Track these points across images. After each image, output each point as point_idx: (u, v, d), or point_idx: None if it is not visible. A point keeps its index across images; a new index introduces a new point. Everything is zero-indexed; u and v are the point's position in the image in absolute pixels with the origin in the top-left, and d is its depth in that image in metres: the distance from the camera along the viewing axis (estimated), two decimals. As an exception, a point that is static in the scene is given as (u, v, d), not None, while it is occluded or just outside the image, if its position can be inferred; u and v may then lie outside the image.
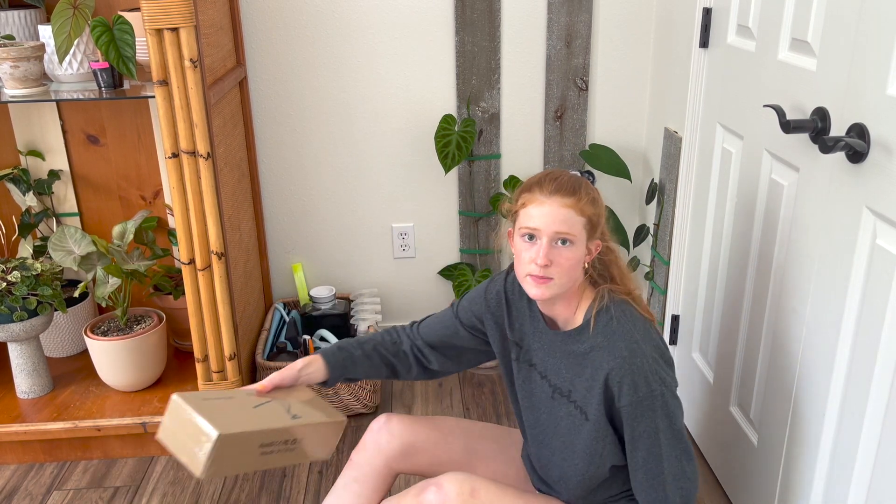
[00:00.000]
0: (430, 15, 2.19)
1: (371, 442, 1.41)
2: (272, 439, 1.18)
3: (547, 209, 1.17)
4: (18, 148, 2.19)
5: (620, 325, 1.20)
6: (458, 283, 2.30)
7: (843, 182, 1.24)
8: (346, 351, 1.39)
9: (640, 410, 1.16)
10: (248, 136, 2.22)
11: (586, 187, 1.20)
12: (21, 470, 1.97)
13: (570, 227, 1.17)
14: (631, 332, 1.19)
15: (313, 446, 1.27)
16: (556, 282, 1.18)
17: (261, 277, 2.35)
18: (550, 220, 1.16)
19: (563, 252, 1.17)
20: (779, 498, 1.51)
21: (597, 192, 1.23)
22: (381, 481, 1.40)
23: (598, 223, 1.21)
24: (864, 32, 1.16)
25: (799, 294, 1.40)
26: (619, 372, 1.16)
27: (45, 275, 1.94)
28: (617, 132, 2.33)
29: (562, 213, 1.16)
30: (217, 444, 1.08)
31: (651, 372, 1.16)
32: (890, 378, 1.14)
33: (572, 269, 1.19)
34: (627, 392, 1.16)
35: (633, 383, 1.15)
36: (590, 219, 1.19)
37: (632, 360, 1.16)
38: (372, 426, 1.43)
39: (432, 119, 2.28)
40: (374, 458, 1.40)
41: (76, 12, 1.70)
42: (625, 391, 1.16)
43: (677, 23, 2.00)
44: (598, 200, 1.22)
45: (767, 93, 1.49)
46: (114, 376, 2.01)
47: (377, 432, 1.41)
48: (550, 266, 1.17)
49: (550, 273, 1.17)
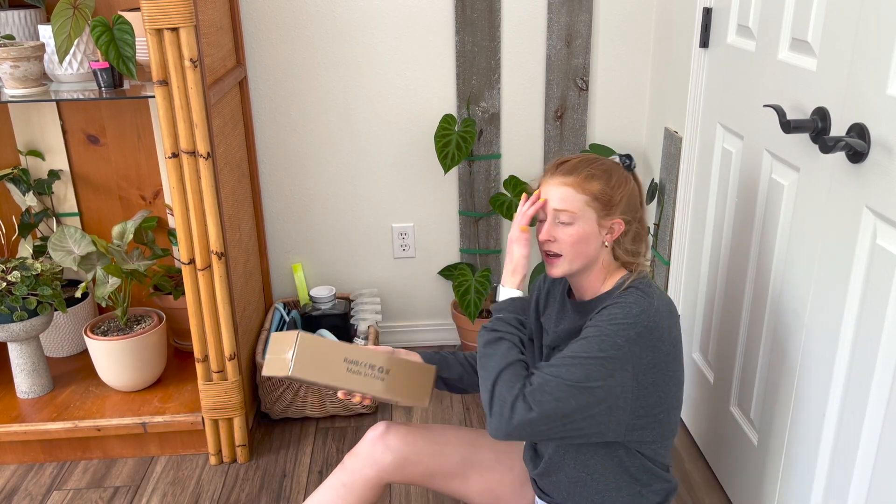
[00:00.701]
0: (430, 15, 2.19)
1: (365, 453, 1.39)
2: (357, 357, 1.30)
3: (547, 188, 1.25)
4: (18, 148, 2.19)
5: (648, 286, 1.23)
6: (458, 283, 2.29)
7: (843, 182, 1.24)
8: (441, 354, 1.47)
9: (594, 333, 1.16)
10: (248, 136, 2.22)
11: (590, 166, 1.23)
12: (21, 470, 1.97)
13: (567, 204, 1.21)
14: (652, 296, 1.21)
15: (405, 386, 1.34)
16: (564, 258, 1.23)
17: (261, 277, 2.35)
18: (549, 198, 1.23)
19: (564, 229, 1.22)
20: (779, 498, 1.51)
21: (610, 172, 1.24)
22: (369, 491, 1.39)
23: (608, 201, 1.22)
24: (865, 32, 1.16)
25: (799, 294, 1.40)
26: (615, 307, 1.18)
27: (45, 275, 1.94)
28: (617, 132, 2.33)
29: (559, 191, 1.23)
30: (299, 341, 1.24)
31: (637, 331, 1.15)
32: (890, 378, 1.14)
33: (578, 246, 1.22)
34: (604, 318, 1.17)
35: (612, 316, 1.16)
36: (595, 196, 1.21)
37: (633, 305, 1.17)
38: (368, 435, 1.41)
39: (432, 119, 2.28)
40: (366, 469, 1.38)
41: (76, 12, 1.70)
42: (603, 316, 1.17)
43: (677, 23, 2.00)
44: (602, 178, 1.22)
45: (767, 93, 1.49)
46: (114, 376, 2.01)
47: (372, 443, 1.39)
48: (554, 242, 1.23)
49: (556, 249, 1.23)
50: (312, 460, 2.00)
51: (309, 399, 2.11)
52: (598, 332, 1.16)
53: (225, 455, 1.98)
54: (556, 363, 1.16)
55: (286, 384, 2.08)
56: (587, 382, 1.13)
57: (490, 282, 2.28)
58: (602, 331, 1.16)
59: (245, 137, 2.20)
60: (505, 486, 1.43)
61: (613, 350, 1.14)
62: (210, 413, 1.92)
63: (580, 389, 1.13)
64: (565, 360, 1.15)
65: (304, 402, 2.11)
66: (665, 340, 1.19)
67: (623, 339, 1.15)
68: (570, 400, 1.13)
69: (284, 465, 1.98)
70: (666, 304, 1.22)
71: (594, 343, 1.15)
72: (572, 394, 1.13)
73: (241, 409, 1.93)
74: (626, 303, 1.18)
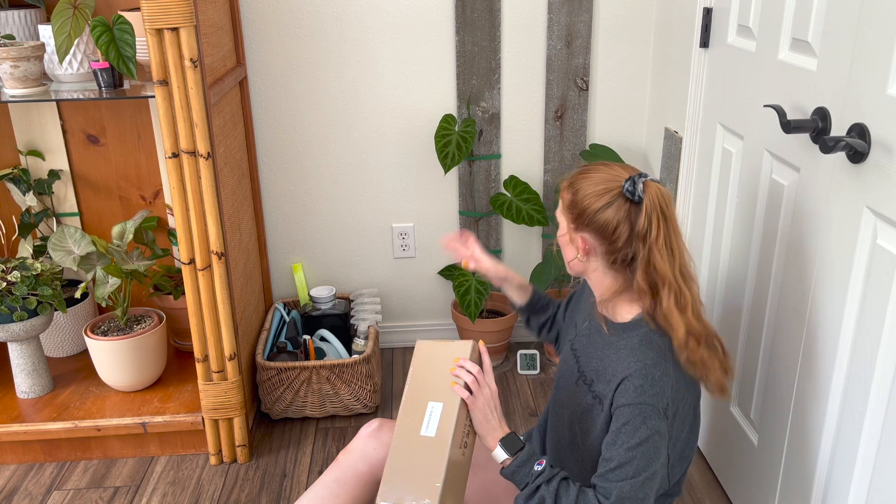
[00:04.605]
0: (430, 15, 2.19)
1: (358, 449, 1.42)
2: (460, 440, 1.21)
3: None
4: (18, 148, 2.19)
5: (661, 339, 1.20)
6: (458, 283, 2.29)
7: (843, 182, 1.24)
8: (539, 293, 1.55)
9: (633, 414, 1.15)
10: (248, 136, 2.22)
11: (581, 174, 1.23)
12: (21, 470, 1.97)
13: (559, 209, 1.27)
14: (665, 350, 1.19)
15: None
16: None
17: (261, 277, 2.35)
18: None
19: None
20: (779, 498, 1.51)
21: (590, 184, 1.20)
22: (362, 487, 1.40)
23: (579, 214, 1.20)
24: (865, 32, 1.16)
25: (799, 294, 1.40)
26: (636, 375, 1.16)
27: (45, 275, 1.94)
28: (617, 132, 2.33)
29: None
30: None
31: (660, 391, 1.16)
32: (890, 378, 1.14)
33: (563, 248, 1.28)
34: (633, 393, 1.16)
35: (640, 388, 1.16)
36: (566, 205, 1.23)
37: (654, 368, 1.16)
38: (362, 431, 1.44)
39: (432, 119, 2.28)
40: (359, 464, 1.40)
41: (76, 12, 1.70)
42: (630, 392, 1.16)
43: (677, 23, 2.00)
44: (576, 187, 1.21)
45: (768, 93, 1.49)
46: (114, 376, 2.01)
47: (365, 440, 1.42)
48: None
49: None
50: (312, 460, 2.00)
51: (309, 399, 2.11)
52: (632, 413, 1.15)
53: (225, 455, 1.98)
54: (613, 467, 1.15)
55: (286, 384, 2.08)
56: (649, 469, 1.15)
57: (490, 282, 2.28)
58: (635, 411, 1.15)
59: (245, 137, 2.20)
60: (500, 485, 1.43)
61: (654, 431, 1.15)
62: (210, 413, 1.92)
63: (647, 479, 1.15)
64: (622, 461, 1.14)
65: (304, 402, 2.11)
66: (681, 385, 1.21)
67: (656, 419, 1.15)
68: (646, 490, 1.15)
69: (284, 465, 1.98)
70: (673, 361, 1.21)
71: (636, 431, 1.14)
72: (645, 485, 1.15)
73: (241, 409, 1.93)
74: (647, 368, 1.16)
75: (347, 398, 2.11)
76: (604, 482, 1.15)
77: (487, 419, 1.19)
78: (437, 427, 1.18)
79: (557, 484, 1.16)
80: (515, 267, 2.40)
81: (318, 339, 2.23)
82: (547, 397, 2.26)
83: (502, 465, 1.20)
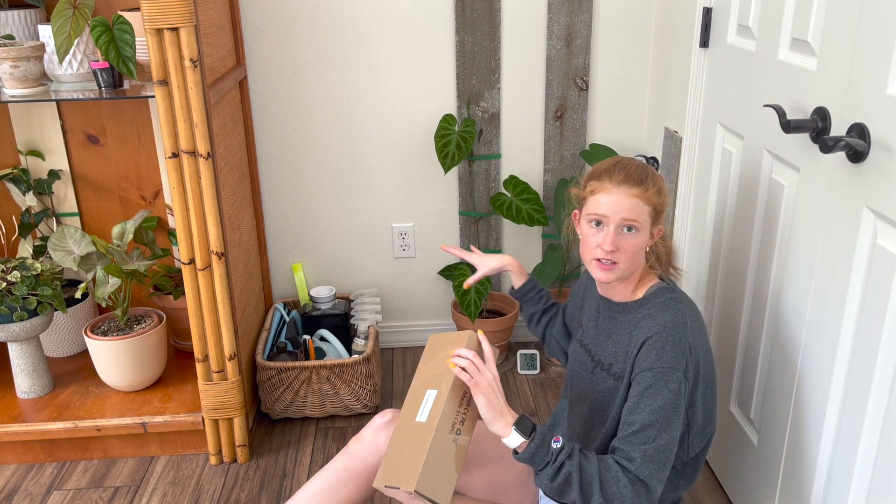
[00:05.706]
0: (430, 15, 2.19)
1: (369, 439, 1.43)
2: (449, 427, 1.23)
3: (615, 198, 1.23)
4: (18, 148, 2.19)
5: (677, 303, 1.26)
6: (458, 283, 2.30)
7: (843, 182, 1.24)
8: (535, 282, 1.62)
9: (654, 378, 1.19)
10: (248, 136, 2.22)
11: (653, 177, 1.26)
12: (21, 470, 1.97)
13: (636, 215, 1.24)
14: (684, 311, 1.25)
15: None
16: (620, 266, 1.26)
17: (261, 277, 2.35)
18: (618, 208, 1.23)
19: (628, 238, 1.24)
20: (779, 498, 1.51)
21: (662, 180, 1.29)
22: (371, 477, 1.42)
23: (662, 210, 1.28)
24: (865, 32, 1.16)
25: (799, 294, 1.40)
26: (657, 337, 1.21)
27: (45, 275, 1.94)
28: (617, 132, 2.33)
29: (629, 202, 1.23)
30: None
31: (682, 351, 1.20)
32: (890, 378, 1.14)
33: (636, 255, 1.26)
34: (654, 357, 1.20)
35: (661, 350, 1.20)
36: (655, 207, 1.26)
37: (673, 331, 1.21)
38: (374, 421, 1.45)
39: (432, 119, 2.28)
40: (370, 455, 1.42)
41: (76, 12, 1.70)
42: (651, 355, 1.20)
43: (677, 23, 2.00)
44: (663, 190, 1.28)
45: (767, 93, 1.49)
46: (114, 376, 2.01)
47: (377, 431, 1.43)
48: (617, 252, 1.24)
49: (616, 258, 1.25)
50: (312, 460, 2.00)
51: (309, 399, 2.11)
52: (654, 377, 1.19)
53: (225, 455, 1.98)
54: (636, 430, 1.18)
55: (286, 384, 2.08)
56: (671, 431, 1.19)
57: (490, 282, 2.28)
58: (657, 375, 1.19)
59: (245, 137, 2.20)
60: (508, 480, 1.43)
61: (673, 395, 1.19)
62: (210, 413, 1.92)
63: (669, 442, 1.19)
64: (645, 423, 1.18)
65: (304, 402, 2.11)
66: (700, 352, 1.25)
67: (676, 383, 1.19)
68: (667, 454, 1.19)
69: (284, 465, 1.98)
70: (695, 317, 1.27)
71: (658, 394, 1.19)
72: (668, 448, 1.19)
73: (241, 409, 1.93)
74: (666, 330, 1.21)
75: (347, 398, 2.11)
76: (626, 445, 1.18)
77: (493, 403, 1.19)
78: (428, 414, 1.21)
79: (578, 457, 1.18)
80: (515, 267, 2.40)
81: (318, 339, 2.23)
82: (547, 397, 2.26)
83: (516, 450, 1.19)
